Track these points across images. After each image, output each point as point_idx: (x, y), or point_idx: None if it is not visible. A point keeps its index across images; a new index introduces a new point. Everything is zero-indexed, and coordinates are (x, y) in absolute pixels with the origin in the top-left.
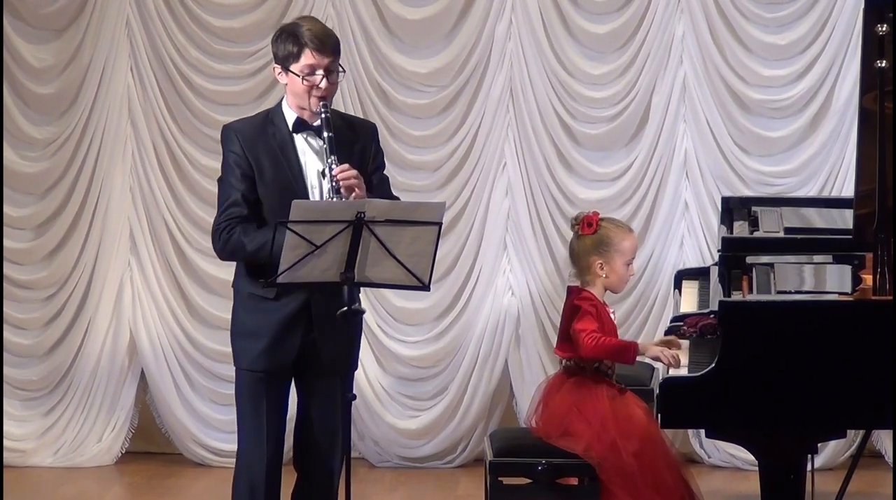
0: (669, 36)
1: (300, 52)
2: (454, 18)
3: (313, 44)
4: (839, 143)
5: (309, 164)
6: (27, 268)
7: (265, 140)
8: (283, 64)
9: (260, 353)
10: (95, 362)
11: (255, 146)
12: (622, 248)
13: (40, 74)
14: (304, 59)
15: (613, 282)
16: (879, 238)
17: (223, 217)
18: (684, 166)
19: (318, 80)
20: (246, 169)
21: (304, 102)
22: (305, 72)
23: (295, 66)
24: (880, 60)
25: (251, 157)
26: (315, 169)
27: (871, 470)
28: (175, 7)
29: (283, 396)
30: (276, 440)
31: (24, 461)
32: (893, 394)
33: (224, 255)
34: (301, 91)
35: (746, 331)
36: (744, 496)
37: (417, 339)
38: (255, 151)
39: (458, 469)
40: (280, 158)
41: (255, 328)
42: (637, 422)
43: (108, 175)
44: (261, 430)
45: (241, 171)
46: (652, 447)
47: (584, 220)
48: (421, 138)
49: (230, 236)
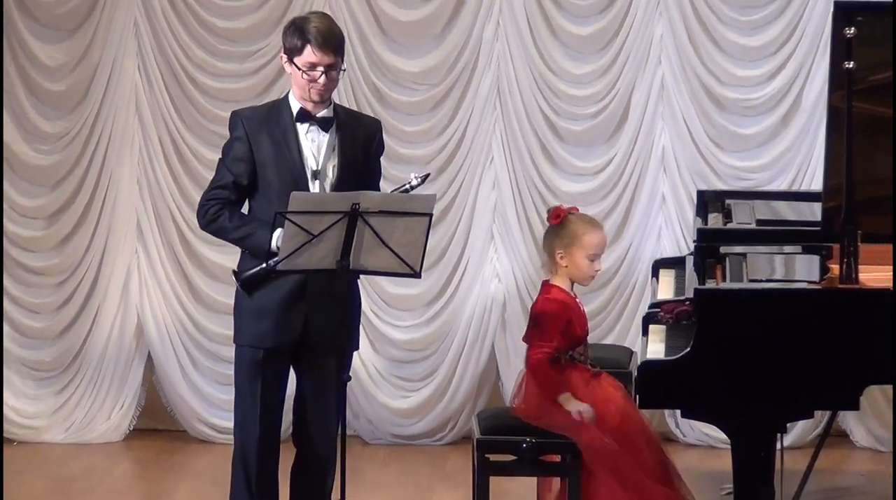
0: (648, 38)
1: (303, 48)
2: (444, 20)
3: (316, 41)
4: (809, 139)
5: (308, 150)
6: (40, 255)
7: (269, 126)
8: (289, 55)
9: (265, 331)
10: (104, 344)
11: (260, 131)
12: (584, 242)
13: (53, 72)
14: (306, 56)
15: (574, 274)
16: (846, 230)
17: (210, 195)
18: (662, 161)
19: (317, 76)
20: (246, 153)
21: (304, 93)
22: (306, 67)
23: (298, 59)
24: (848, 62)
25: (253, 141)
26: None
27: (836, 448)
28: (180, 9)
29: (283, 373)
30: (274, 415)
31: (37, 438)
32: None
33: (207, 229)
34: (302, 84)
35: (720, 317)
36: (717, 472)
37: (409, 323)
38: (258, 136)
39: (448, 446)
40: (282, 145)
41: (259, 308)
42: (614, 402)
43: (117, 167)
44: (256, 406)
45: (241, 154)
46: (631, 425)
47: (553, 211)
48: (413, 134)
49: (216, 217)
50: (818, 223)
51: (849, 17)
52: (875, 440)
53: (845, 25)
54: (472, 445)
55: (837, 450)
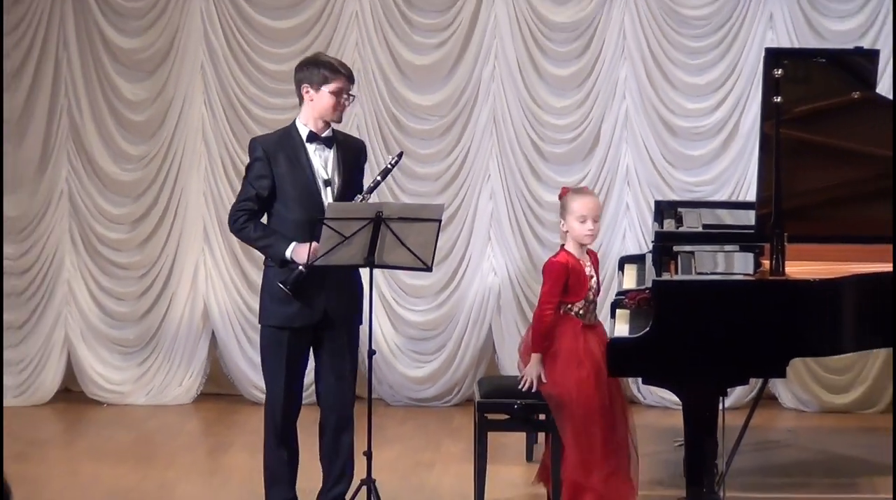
0: (615, 78)
1: (333, 77)
2: (451, 64)
3: (344, 71)
4: (745, 159)
5: (317, 165)
6: (125, 253)
7: (283, 147)
8: (319, 85)
9: (292, 314)
10: (177, 325)
11: (276, 152)
12: (571, 207)
13: (135, 106)
14: (336, 83)
15: (575, 236)
16: (775, 232)
17: (239, 207)
18: (626, 177)
19: (343, 99)
20: (266, 170)
21: (328, 115)
22: (336, 92)
23: (327, 87)
24: (776, 97)
25: (272, 160)
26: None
27: (767, 409)
28: (237, 54)
29: (305, 347)
30: (295, 382)
31: (123, 401)
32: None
33: (236, 234)
34: (329, 106)
35: (674, 303)
36: (671, 428)
37: (422, 308)
38: (275, 155)
39: (454, 407)
40: (296, 161)
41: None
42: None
43: (187, 183)
44: (282, 375)
45: (262, 172)
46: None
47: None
48: (425, 155)
49: (244, 227)
50: (752, 227)
51: (777, 61)
52: (799, 402)
53: (774, 67)
54: (473, 406)
55: (768, 410)
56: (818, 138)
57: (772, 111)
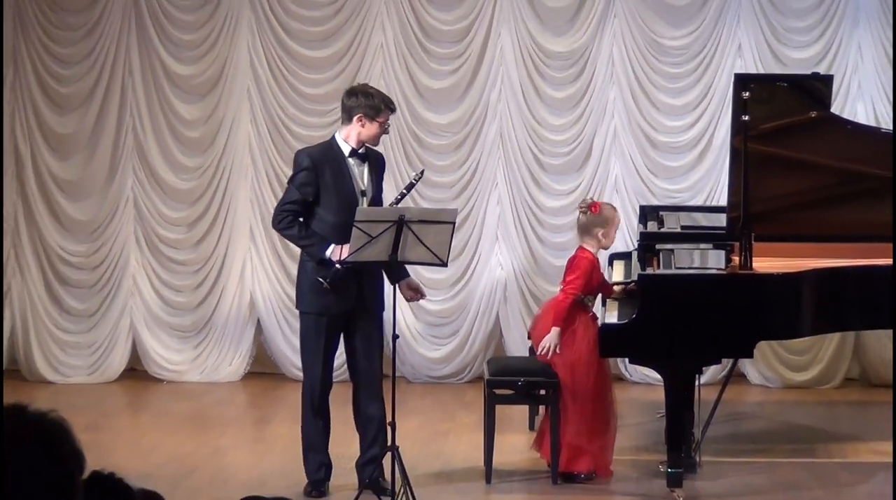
0: (605, 99)
1: (385, 110)
2: (463, 88)
3: (391, 107)
4: (717, 169)
5: (356, 177)
6: (182, 251)
7: (328, 160)
8: (373, 115)
9: (329, 302)
10: (227, 313)
11: (322, 163)
12: (616, 221)
13: (190, 124)
14: (384, 115)
15: (606, 243)
16: (743, 233)
17: (283, 208)
18: (615, 185)
19: (386, 128)
20: (312, 179)
21: (373, 141)
22: (384, 122)
23: (379, 117)
24: (744, 115)
25: (318, 169)
26: (358, 178)
27: (737, 385)
28: (279, 79)
29: (339, 331)
30: (329, 362)
31: (180, 378)
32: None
33: (280, 232)
34: (376, 135)
35: (656, 293)
36: (653, 402)
37: (439, 298)
38: (321, 166)
39: (466, 384)
40: (339, 175)
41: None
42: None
43: (235, 190)
44: (319, 356)
45: (309, 180)
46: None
47: (591, 205)
48: (442, 166)
49: (290, 226)
50: (724, 228)
51: (745, 85)
52: (764, 379)
53: (742, 90)
54: (483, 383)
55: (738, 386)
56: (781, 151)
57: (740, 128)
